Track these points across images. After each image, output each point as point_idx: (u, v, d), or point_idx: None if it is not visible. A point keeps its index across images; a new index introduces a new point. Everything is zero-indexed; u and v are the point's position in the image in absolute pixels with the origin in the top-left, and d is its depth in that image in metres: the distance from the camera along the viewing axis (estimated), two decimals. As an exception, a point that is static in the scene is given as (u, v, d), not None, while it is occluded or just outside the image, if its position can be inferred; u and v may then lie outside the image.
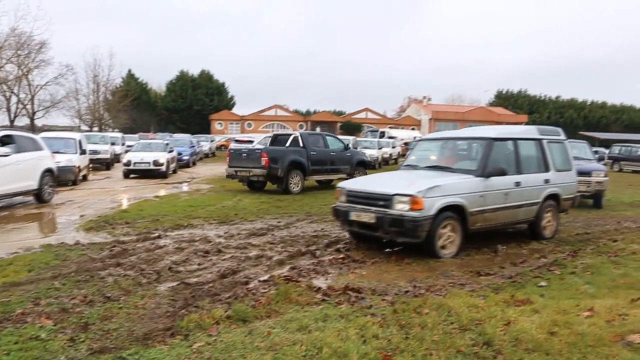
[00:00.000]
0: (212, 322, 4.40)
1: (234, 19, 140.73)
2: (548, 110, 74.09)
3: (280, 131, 44.49)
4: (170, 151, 22.22)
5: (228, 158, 16.50)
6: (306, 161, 15.83)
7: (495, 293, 5.59)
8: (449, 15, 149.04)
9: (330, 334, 4.07)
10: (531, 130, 9.40)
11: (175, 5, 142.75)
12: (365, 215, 7.52)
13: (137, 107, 59.38)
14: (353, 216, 7.72)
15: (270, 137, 19.18)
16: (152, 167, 20.07)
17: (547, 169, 9.04)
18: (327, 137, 17.75)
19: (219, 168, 26.26)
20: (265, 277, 6.13)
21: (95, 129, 49.16)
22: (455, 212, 7.38)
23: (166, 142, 23.84)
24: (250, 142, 31.28)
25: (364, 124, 63.00)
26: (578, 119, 72.64)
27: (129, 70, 64.91)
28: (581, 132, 60.15)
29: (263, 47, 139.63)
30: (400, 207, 7.10)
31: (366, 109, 69.59)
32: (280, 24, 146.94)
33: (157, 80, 76.55)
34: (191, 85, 67.40)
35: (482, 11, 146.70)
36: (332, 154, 16.78)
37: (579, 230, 10.25)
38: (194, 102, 66.19)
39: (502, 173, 7.96)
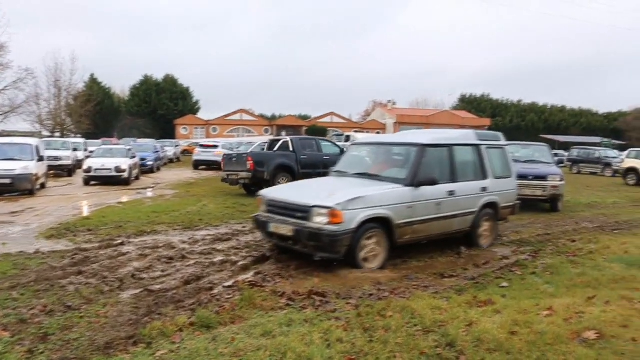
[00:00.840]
0: (176, 330, 4.37)
1: (199, 24, 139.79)
2: (510, 114, 75.52)
3: (276, 136, 44.27)
4: (133, 157, 21.53)
5: (223, 163, 17.16)
6: (295, 165, 15.99)
7: (458, 295, 5.69)
8: (414, 20, 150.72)
9: (294, 338, 4.08)
10: (468, 135, 8.95)
11: (138, 9, 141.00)
12: (283, 228, 6.98)
13: (100, 112, 58.28)
14: (272, 228, 7.21)
15: (267, 142, 19.47)
16: (114, 173, 19.25)
17: (484, 176, 8.57)
18: (321, 142, 18.07)
19: (184, 173, 26.07)
20: (230, 283, 6.11)
21: (57, 134, 48.03)
22: (380, 224, 6.90)
23: (128, 147, 23.01)
24: (215, 146, 31.10)
25: (329, 128, 63.12)
26: (539, 123, 74.23)
27: (92, 75, 63.52)
28: (542, 135, 61.51)
29: (228, 51, 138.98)
30: (319, 220, 6.56)
31: (331, 113, 69.79)
32: (245, 28, 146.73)
33: (121, 84, 74.75)
34: (155, 89, 66.53)
35: (446, 17, 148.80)
36: (325, 157, 16.83)
37: (539, 231, 10.47)
38: (159, 107, 65.36)
39: (433, 182, 7.44)
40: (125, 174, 19.48)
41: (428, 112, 70.84)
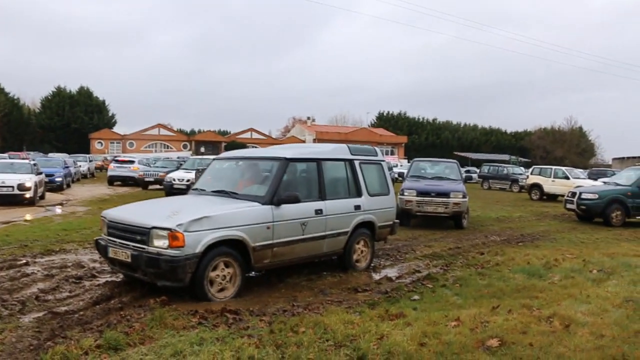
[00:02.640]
0: (81, 353, 4.18)
1: (117, 35, 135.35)
2: (426, 131, 78.17)
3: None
4: (39, 173, 18.77)
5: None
6: None
7: (371, 309, 5.79)
8: (335, 40, 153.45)
9: (205, 358, 4.02)
10: (341, 150, 8.24)
11: (51, 19, 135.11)
12: (122, 253, 6.15)
13: (8, 124, 55.28)
14: (111, 253, 6.34)
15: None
16: (16, 191, 16.37)
17: (358, 194, 8.00)
18: None
19: (98, 189, 25.06)
20: (141, 302, 5.92)
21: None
22: (233, 247, 6.23)
23: (33, 162, 19.95)
24: (132, 162, 30.16)
25: (248, 144, 62.86)
26: (453, 140, 77.28)
27: (-3, 84, 60.30)
28: (456, 152, 64.15)
29: (147, 65, 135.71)
30: (159, 244, 5.81)
31: (251, 129, 69.61)
32: (165, 42, 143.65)
33: (31, 96, 71.44)
34: (69, 102, 63.72)
35: (367, 37, 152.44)
36: None
37: (451, 245, 10.87)
38: (72, 120, 62.63)
39: (296, 200, 6.80)
40: (30, 193, 16.73)
41: (347, 129, 72.10)
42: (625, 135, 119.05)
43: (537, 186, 27.09)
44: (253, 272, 6.97)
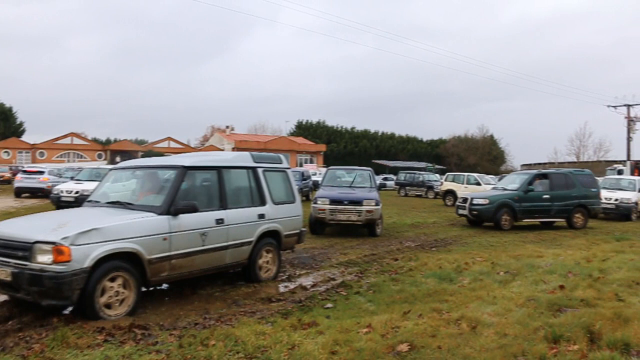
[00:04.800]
0: (-33, 382, 3.86)
1: (28, 39, 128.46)
2: (344, 140, 79.22)
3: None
4: None
5: None
6: None
7: (283, 318, 5.73)
8: (257, 49, 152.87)
9: (106, 377, 3.81)
10: (243, 158, 8.10)
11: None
12: (1, 271, 5.55)
13: None
14: None
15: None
16: None
17: (262, 202, 7.86)
18: None
19: (2, 202, 23.53)
20: (43, 321, 5.55)
21: None
22: (127, 260, 5.88)
23: None
24: (41, 172, 28.62)
25: (166, 153, 61.42)
26: (371, 149, 78.78)
27: None
28: (374, 160, 65.47)
29: (64, 71, 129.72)
30: (43, 259, 5.35)
31: (169, 138, 68.10)
32: (83, 48, 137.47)
33: None
34: (-30, 109, 60.04)
35: (288, 47, 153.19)
36: None
37: (366, 252, 11.00)
38: (-26, 129, 59.00)
39: (194, 210, 6.58)
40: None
41: (266, 138, 71.93)
42: (532, 143, 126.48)
43: (451, 192, 28.04)
44: (151, 287, 6.71)
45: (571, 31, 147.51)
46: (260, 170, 8.04)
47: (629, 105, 45.61)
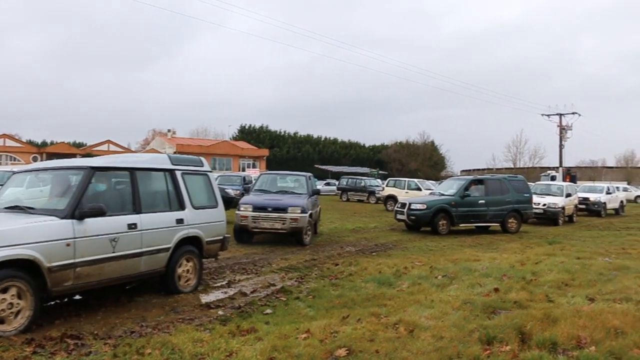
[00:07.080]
0: None
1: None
2: (287, 145, 79.18)
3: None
4: None
5: None
6: None
7: (222, 325, 5.65)
8: (201, 54, 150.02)
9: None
10: (160, 159, 7.71)
11: None
12: None
13: None
14: None
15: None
16: None
17: (181, 206, 7.43)
18: None
19: None
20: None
21: None
22: (23, 269, 5.34)
23: None
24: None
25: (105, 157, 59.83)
26: (314, 154, 79.05)
27: None
28: (317, 165, 65.79)
29: None
30: None
31: (108, 141, 66.20)
32: (20, 48, 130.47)
33: None
34: None
35: (233, 52, 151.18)
36: None
37: (307, 257, 11.01)
38: None
39: (102, 213, 6.07)
40: None
41: (208, 142, 71.00)
42: (471, 149, 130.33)
43: (392, 197, 28.47)
44: (54, 299, 6.22)
45: (508, 43, 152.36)
46: (178, 173, 7.60)
47: (561, 114, 47.80)
